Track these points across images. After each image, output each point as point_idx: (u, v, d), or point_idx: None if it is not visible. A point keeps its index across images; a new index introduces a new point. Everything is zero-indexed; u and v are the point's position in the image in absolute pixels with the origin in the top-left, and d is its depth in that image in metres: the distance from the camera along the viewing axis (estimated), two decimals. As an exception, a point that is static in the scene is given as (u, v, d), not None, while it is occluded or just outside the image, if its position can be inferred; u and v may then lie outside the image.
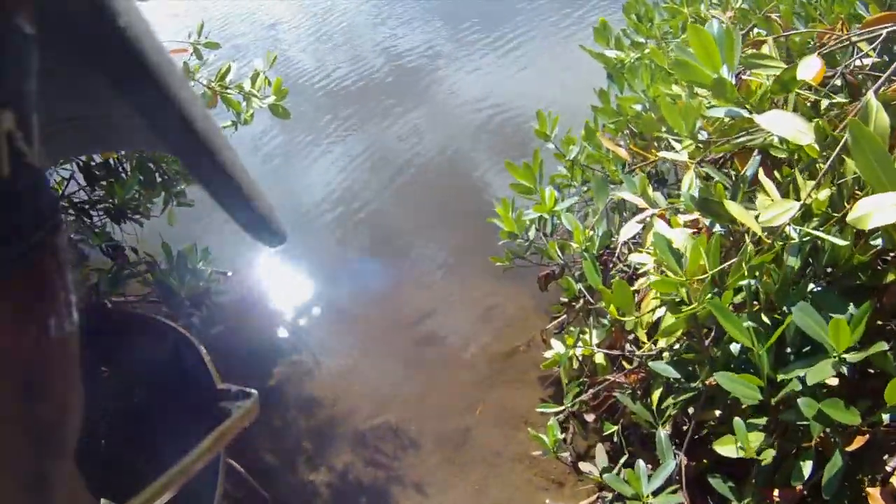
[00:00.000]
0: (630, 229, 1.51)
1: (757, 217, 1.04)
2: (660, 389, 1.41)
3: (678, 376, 1.34)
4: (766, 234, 1.00)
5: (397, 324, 2.39)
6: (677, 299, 1.24)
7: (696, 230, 1.32)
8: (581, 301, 1.72)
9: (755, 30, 1.76)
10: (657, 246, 1.21)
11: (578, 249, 1.49)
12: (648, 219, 1.51)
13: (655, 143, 1.87)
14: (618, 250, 1.78)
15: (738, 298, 1.18)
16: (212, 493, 1.20)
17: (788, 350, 1.13)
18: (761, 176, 1.03)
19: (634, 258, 1.32)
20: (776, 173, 1.30)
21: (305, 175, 3.44)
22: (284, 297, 2.62)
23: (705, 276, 1.08)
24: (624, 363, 1.51)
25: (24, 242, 0.23)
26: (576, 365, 1.57)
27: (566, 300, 1.81)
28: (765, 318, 1.08)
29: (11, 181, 0.22)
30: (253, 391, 1.10)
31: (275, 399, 2.22)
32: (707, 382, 1.25)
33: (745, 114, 1.20)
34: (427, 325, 2.37)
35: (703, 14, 2.11)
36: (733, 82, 1.14)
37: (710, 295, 1.11)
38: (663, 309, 1.30)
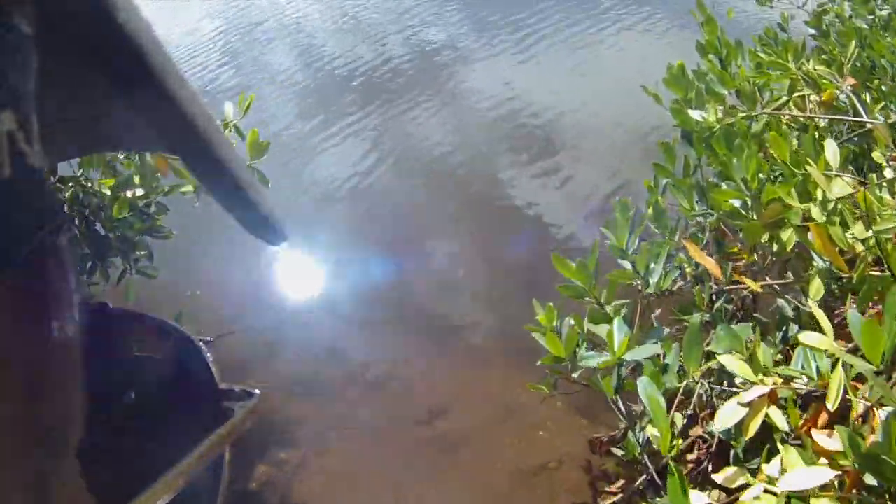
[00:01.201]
0: (732, 415, 1.10)
1: None
2: None
3: None
4: None
5: (403, 420, 2.00)
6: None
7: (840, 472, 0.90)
8: (643, 476, 1.33)
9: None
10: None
11: (662, 452, 1.08)
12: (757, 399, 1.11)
13: (756, 255, 1.44)
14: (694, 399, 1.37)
15: None
16: (214, 495, 1.17)
17: None
18: None
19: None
20: None
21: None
22: (267, 373, 2.21)
23: None
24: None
25: (27, 243, 0.23)
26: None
27: (624, 457, 1.41)
28: None
29: (13, 182, 0.21)
30: (255, 391, 1.11)
31: (255, 508, 1.85)
32: None
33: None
34: (438, 426, 1.98)
35: (811, 72, 1.62)
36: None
37: None
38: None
